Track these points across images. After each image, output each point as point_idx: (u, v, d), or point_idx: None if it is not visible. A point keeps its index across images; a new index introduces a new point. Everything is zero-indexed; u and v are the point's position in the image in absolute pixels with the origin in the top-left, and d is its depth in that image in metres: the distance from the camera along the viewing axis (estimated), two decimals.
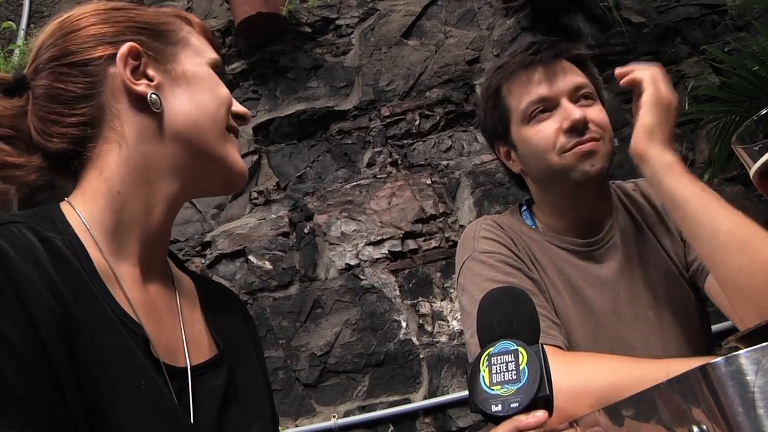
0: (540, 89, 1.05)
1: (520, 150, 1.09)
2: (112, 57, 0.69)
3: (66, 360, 0.53)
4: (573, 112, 1.01)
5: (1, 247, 0.52)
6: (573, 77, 1.06)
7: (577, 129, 1.01)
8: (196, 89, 0.73)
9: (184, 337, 0.71)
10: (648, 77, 0.97)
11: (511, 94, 1.09)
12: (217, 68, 0.78)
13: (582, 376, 0.83)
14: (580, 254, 1.07)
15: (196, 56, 0.75)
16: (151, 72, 0.71)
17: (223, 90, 0.76)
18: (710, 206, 0.86)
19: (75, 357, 0.53)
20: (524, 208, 1.18)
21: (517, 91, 1.08)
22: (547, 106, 1.04)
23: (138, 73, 0.70)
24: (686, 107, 1.96)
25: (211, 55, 0.78)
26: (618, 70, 1.01)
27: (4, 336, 0.49)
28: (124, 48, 0.68)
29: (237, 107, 0.78)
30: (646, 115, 0.94)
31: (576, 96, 1.05)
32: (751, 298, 0.82)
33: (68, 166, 0.70)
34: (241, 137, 1.04)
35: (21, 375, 0.49)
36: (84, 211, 0.66)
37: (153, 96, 0.69)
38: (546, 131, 1.03)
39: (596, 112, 1.04)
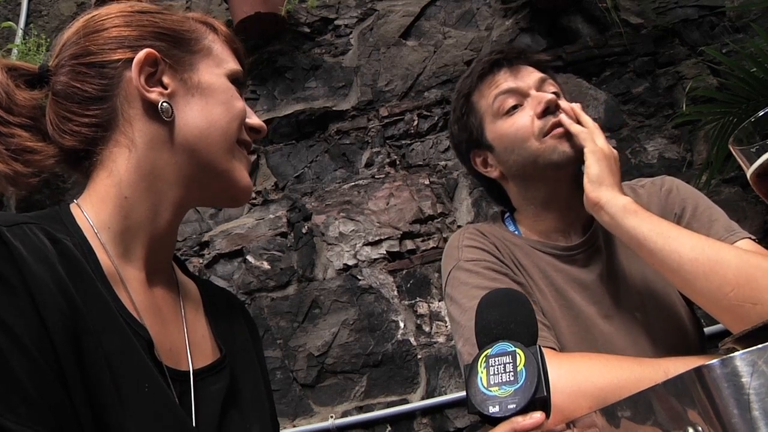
0: (507, 83, 1.09)
1: (497, 148, 1.10)
2: (130, 61, 0.68)
3: (74, 360, 0.53)
4: (544, 95, 1.05)
5: (14, 247, 0.53)
6: (537, 74, 1.10)
7: (551, 110, 1.04)
8: (210, 101, 0.72)
9: (186, 340, 0.72)
10: (583, 133, 1.01)
11: (481, 96, 1.12)
12: (238, 79, 0.77)
13: (579, 377, 0.83)
14: (563, 258, 1.07)
15: (216, 66, 0.75)
16: (166, 80, 0.70)
17: (238, 103, 0.75)
18: (669, 238, 0.88)
19: (82, 358, 0.54)
20: (507, 215, 1.18)
21: (486, 90, 1.11)
22: (516, 99, 1.08)
23: (153, 80, 0.70)
24: (684, 108, 1.96)
25: (232, 66, 0.77)
26: (570, 108, 1.06)
27: (16, 334, 0.49)
28: (141, 54, 0.68)
29: (252, 120, 0.77)
30: (591, 167, 0.98)
31: (543, 88, 1.09)
32: (731, 314, 0.83)
33: (80, 164, 0.71)
34: None
35: (31, 373, 0.49)
36: (92, 214, 0.67)
37: (164, 104, 0.68)
38: (521, 121, 1.06)
39: (566, 104, 1.07)
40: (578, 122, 1.04)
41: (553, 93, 1.08)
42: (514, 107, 1.07)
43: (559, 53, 2.10)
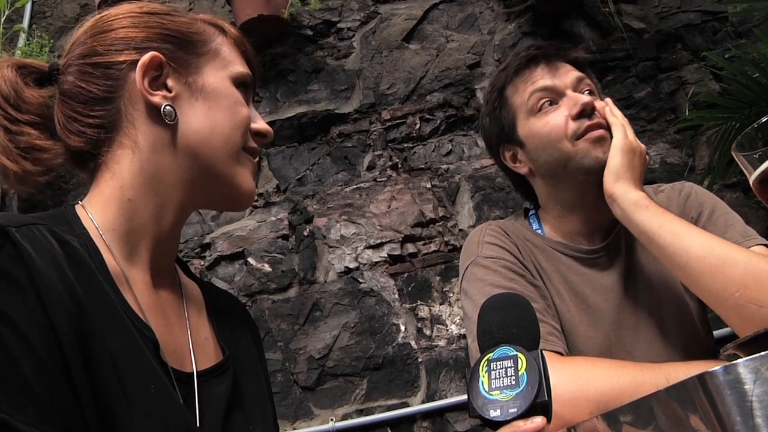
0: (544, 80, 1.08)
1: (528, 145, 1.10)
2: (136, 63, 0.68)
3: (81, 361, 0.53)
4: (580, 97, 1.04)
5: (23, 247, 0.53)
6: (574, 72, 1.09)
7: (586, 113, 1.03)
8: (213, 105, 0.71)
9: (190, 342, 0.72)
10: (618, 123, 1.02)
11: (516, 91, 1.11)
12: (245, 83, 0.76)
13: (580, 381, 0.83)
14: (585, 261, 1.07)
15: (221, 69, 0.74)
16: (171, 83, 0.70)
17: (242, 110, 0.74)
18: (679, 235, 0.89)
19: (89, 358, 0.54)
20: (532, 212, 1.18)
21: (522, 86, 1.10)
22: (552, 97, 1.07)
23: (157, 83, 0.69)
24: (686, 113, 1.96)
25: (239, 68, 0.76)
26: (607, 101, 1.07)
27: (24, 334, 0.50)
28: (145, 58, 0.68)
29: (258, 125, 0.76)
30: (612, 159, 0.99)
31: (579, 88, 1.08)
32: (735, 314, 0.83)
33: (86, 165, 0.71)
34: None
35: (38, 373, 0.50)
36: (97, 216, 0.67)
37: (167, 108, 0.68)
38: (556, 120, 1.05)
39: (600, 104, 1.07)
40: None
41: (589, 93, 1.08)
42: (549, 104, 1.07)
43: None
